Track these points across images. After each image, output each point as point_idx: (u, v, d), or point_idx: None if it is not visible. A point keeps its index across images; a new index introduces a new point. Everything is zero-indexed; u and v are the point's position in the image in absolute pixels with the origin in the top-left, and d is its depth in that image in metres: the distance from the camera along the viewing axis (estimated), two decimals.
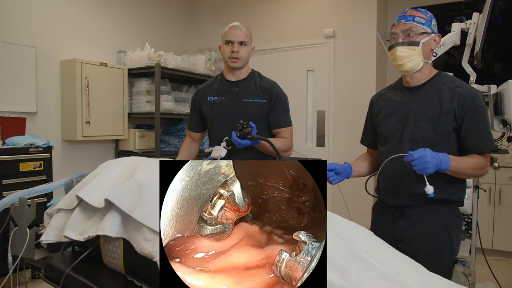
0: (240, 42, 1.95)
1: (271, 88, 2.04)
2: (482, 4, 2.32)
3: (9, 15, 3.15)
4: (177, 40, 4.79)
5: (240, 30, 1.97)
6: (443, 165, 1.39)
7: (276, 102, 2.02)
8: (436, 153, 1.39)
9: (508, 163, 3.55)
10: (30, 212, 1.42)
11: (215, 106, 2.04)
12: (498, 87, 2.19)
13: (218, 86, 2.07)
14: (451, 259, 1.58)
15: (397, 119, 1.61)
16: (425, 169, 1.37)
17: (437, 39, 1.55)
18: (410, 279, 1.01)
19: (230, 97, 2.02)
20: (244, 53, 1.97)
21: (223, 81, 2.07)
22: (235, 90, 2.02)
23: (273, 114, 2.02)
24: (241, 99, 2.00)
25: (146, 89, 3.92)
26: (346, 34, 4.02)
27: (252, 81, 2.05)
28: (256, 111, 1.99)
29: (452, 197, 1.54)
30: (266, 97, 2.01)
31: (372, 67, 3.87)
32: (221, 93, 2.04)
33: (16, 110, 3.17)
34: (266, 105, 2.01)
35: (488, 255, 2.61)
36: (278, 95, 2.03)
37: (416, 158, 1.37)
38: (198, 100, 2.11)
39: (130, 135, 3.93)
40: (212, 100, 2.05)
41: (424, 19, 1.53)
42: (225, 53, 1.98)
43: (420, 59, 1.52)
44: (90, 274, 1.19)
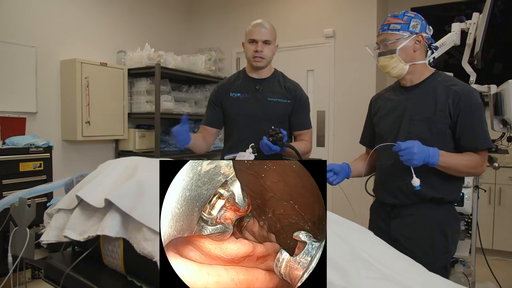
0: (264, 41, 1.92)
1: (295, 89, 2.03)
2: (482, 4, 2.32)
3: (9, 15, 3.15)
4: (177, 40, 4.79)
5: (264, 28, 1.92)
6: (431, 159, 1.39)
7: (300, 103, 2.02)
8: (425, 147, 1.39)
9: (508, 163, 3.55)
10: (30, 212, 1.42)
11: (239, 103, 1.99)
12: (498, 87, 2.19)
13: (241, 83, 2.02)
14: (446, 259, 1.57)
15: (393, 118, 1.62)
16: (410, 160, 1.37)
17: (419, 38, 1.54)
18: (410, 279, 1.01)
19: (254, 94, 1.98)
20: (268, 52, 1.94)
21: (246, 78, 2.03)
22: (259, 88, 1.99)
23: (296, 116, 2.02)
24: (265, 98, 1.97)
25: (146, 89, 3.92)
26: (346, 34, 4.02)
27: (276, 80, 2.03)
28: (280, 111, 1.98)
29: (447, 197, 1.54)
30: (291, 97, 2.00)
31: (372, 67, 3.87)
32: (245, 89, 1.99)
33: (16, 110, 3.17)
34: (290, 106, 2.00)
35: (488, 255, 2.61)
36: (302, 97, 2.03)
37: (403, 149, 1.37)
38: (220, 96, 2.04)
39: (130, 135, 3.93)
40: (235, 96, 2.00)
41: (400, 24, 1.54)
42: (249, 52, 1.94)
43: (402, 64, 1.54)
44: (90, 274, 1.19)
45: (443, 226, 1.54)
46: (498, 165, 2.23)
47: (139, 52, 3.93)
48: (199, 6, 4.95)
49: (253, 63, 1.95)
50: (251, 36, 1.92)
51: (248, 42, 1.94)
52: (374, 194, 1.74)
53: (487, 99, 2.28)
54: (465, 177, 2.22)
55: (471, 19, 2.34)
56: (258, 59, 1.92)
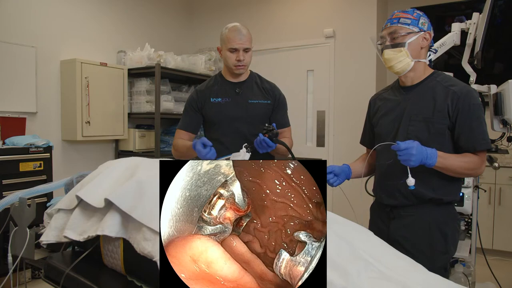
0: (244, 49, 1.93)
1: (273, 89, 2.08)
2: (482, 4, 2.32)
3: (9, 15, 3.15)
4: (177, 40, 4.79)
5: (242, 35, 1.92)
6: (428, 161, 1.39)
7: (279, 103, 2.07)
8: (424, 148, 1.39)
9: (508, 163, 3.55)
10: (30, 212, 1.42)
11: (220, 108, 2.01)
12: (498, 87, 2.19)
13: (220, 87, 2.04)
14: (445, 259, 1.57)
15: (392, 118, 1.61)
16: (408, 161, 1.37)
17: (427, 36, 1.54)
18: (410, 279, 1.01)
19: (234, 98, 2.00)
20: (248, 58, 1.96)
21: (224, 82, 2.05)
22: (239, 91, 2.01)
23: (276, 115, 2.05)
24: (246, 100, 2.00)
25: (146, 89, 3.92)
26: (346, 34, 4.02)
27: (254, 82, 2.06)
28: (262, 112, 2.02)
29: (446, 197, 1.53)
30: (270, 98, 2.04)
31: (372, 67, 3.87)
32: (225, 94, 2.01)
33: (16, 110, 3.17)
34: (271, 106, 2.04)
35: (488, 255, 2.60)
36: (280, 96, 2.08)
37: (402, 149, 1.37)
38: (200, 101, 2.05)
39: (130, 135, 3.93)
40: (216, 101, 2.01)
41: (410, 19, 1.53)
42: (230, 60, 1.94)
43: (408, 59, 1.53)
44: (90, 274, 1.20)
45: (442, 227, 1.54)
46: (498, 165, 2.23)
47: (139, 52, 3.93)
48: (199, 6, 4.95)
49: (236, 71, 1.97)
50: (231, 45, 1.91)
51: (228, 50, 1.93)
52: (374, 194, 1.74)
53: (487, 99, 2.28)
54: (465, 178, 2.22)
55: (471, 19, 2.34)
56: (241, 67, 1.95)
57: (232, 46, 1.91)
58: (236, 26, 1.95)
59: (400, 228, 1.57)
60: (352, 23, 3.98)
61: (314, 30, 4.17)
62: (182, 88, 4.45)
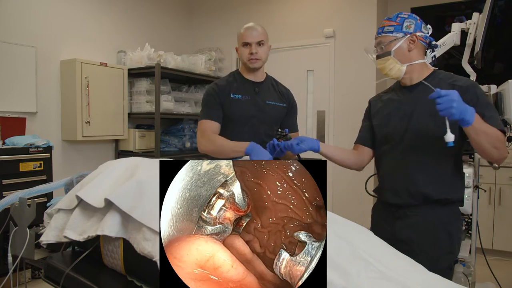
0: (257, 43, 1.95)
1: (288, 93, 2.12)
2: (482, 4, 2.31)
3: (9, 15, 3.15)
4: (177, 40, 4.79)
5: (255, 30, 1.96)
6: (467, 116, 1.29)
7: (293, 107, 2.12)
8: (463, 101, 1.32)
9: (508, 163, 3.55)
10: (30, 212, 1.42)
11: (241, 105, 1.98)
12: (498, 87, 2.19)
13: (239, 85, 2.01)
14: (451, 259, 1.57)
15: (399, 117, 1.61)
16: (449, 108, 1.27)
17: (413, 38, 1.54)
18: (410, 279, 1.01)
19: (253, 97, 2.00)
20: (263, 52, 1.98)
21: (243, 80, 2.03)
22: (257, 90, 2.01)
23: (288, 119, 2.09)
24: (264, 101, 2.00)
25: (146, 89, 3.92)
26: (346, 34, 4.02)
27: (270, 84, 2.08)
28: (277, 114, 2.04)
29: (451, 196, 1.54)
30: (285, 101, 2.07)
31: (372, 67, 3.87)
32: (244, 91, 2.00)
33: (16, 110, 3.17)
34: (285, 109, 2.07)
35: (488, 255, 2.60)
36: (294, 102, 2.13)
37: (442, 95, 1.29)
38: (220, 95, 1.98)
39: (130, 135, 3.93)
40: (236, 98, 1.98)
41: (393, 26, 1.55)
42: (244, 55, 1.96)
43: (398, 65, 1.56)
44: (90, 274, 1.20)
45: (448, 226, 1.54)
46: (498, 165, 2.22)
47: (139, 52, 3.93)
48: (199, 6, 4.95)
49: (250, 64, 1.96)
50: (244, 40, 1.95)
51: (242, 45, 1.97)
52: (377, 194, 1.73)
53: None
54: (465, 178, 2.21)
55: (471, 19, 2.34)
56: (254, 60, 1.95)
57: (244, 40, 1.95)
58: (251, 24, 2.00)
59: (406, 228, 1.57)
60: (352, 23, 3.98)
61: (314, 30, 4.18)
62: (182, 88, 4.45)
